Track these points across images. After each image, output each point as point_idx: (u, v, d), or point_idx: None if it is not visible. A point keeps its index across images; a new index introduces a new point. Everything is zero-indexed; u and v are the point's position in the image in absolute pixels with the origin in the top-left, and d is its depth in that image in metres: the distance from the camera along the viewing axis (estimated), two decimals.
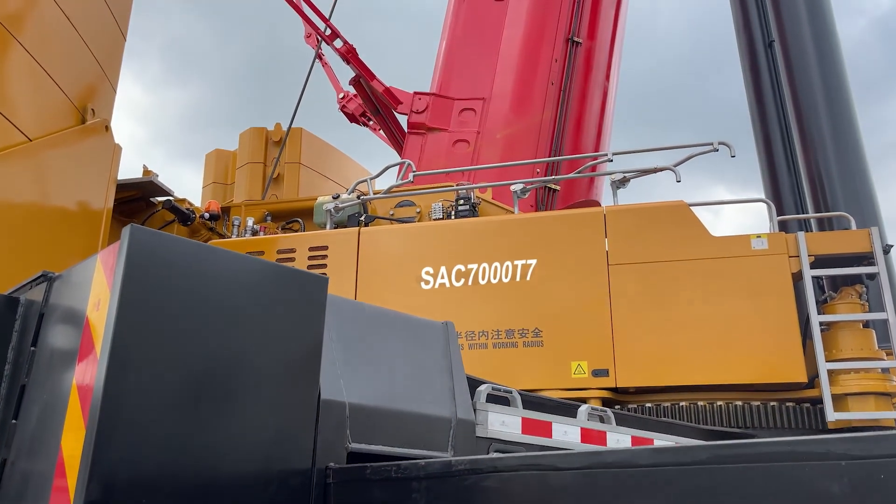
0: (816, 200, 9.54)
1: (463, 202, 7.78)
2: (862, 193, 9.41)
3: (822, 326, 6.20)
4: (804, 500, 1.52)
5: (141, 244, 2.21)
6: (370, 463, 2.45)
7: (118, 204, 8.11)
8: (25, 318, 2.85)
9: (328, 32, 11.00)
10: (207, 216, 9.08)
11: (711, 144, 7.28)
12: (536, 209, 9.18)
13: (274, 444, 2.40)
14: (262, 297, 2.47)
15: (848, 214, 7.13)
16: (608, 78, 11.18)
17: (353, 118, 12.98)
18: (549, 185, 9.44)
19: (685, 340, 6.25)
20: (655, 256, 6.55)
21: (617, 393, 6.41)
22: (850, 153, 9.62)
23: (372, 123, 12.81)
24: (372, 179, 8.26)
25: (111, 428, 2.03)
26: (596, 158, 8.89)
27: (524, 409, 3.69)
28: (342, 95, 12.91)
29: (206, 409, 2.24)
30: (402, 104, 10.50)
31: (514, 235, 7.02)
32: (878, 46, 54.69)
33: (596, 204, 9.95)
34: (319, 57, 12.79)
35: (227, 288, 2.39)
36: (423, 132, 10.14)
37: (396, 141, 11.94)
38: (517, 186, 7.66)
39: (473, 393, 3.41)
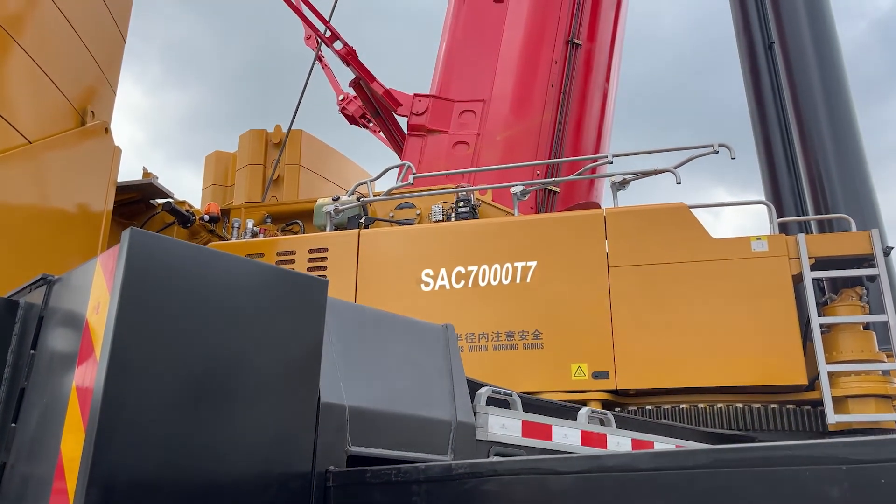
0: (816, 202, 9.55)
1: (463, 204, 7.77)
2: (862, 195, 9.42)
3: (822, 328, 6.20)
4: None
5: (141, 247, 2.21)
6: (370, 466, 2.44)
7: (118, 206, 8.11)
8: (25, 321, 2.85)
9: (328, 34, 11.00)
10: (207, 218, 9.08)
11: (712, 146, 7.27)
12: (536, 211, 9.17)
13: (274, 447, 2.40)
14: (261, 300, 2.47)
15: (848, 216, 7.13)
16: (608, 80, 11.18)
17: (352, 120, 12.99)
18: (549, 186, 9.43)
19: (685, 343, 6.25)
20: (656, 258, 6.55)
21: (617, 395, 6.40)
22: (850, 155, 9.63)
23: (372, 125, 12.81)
24: (372, 181, 8.25)
25: (111, 431, 2.03)
26: (596, 160, 8.88)
27: (524, 412, 3.68)
28: (342, 97, 12.91)
29: (205, 412, 2.24)
30: (401, 106, 10.50)
31: (514, 237, 7.01)
32: (877, 48, 54.77)
33: (596, 206, 9.96)
34: (319, 59, 12.79)
35: (226, 291, 2.39)
36: (422, 134, 10.14)
37: (396, 143, 11.94)
38: (517, 188, 7.65)
39: (473, 396, 3.41)
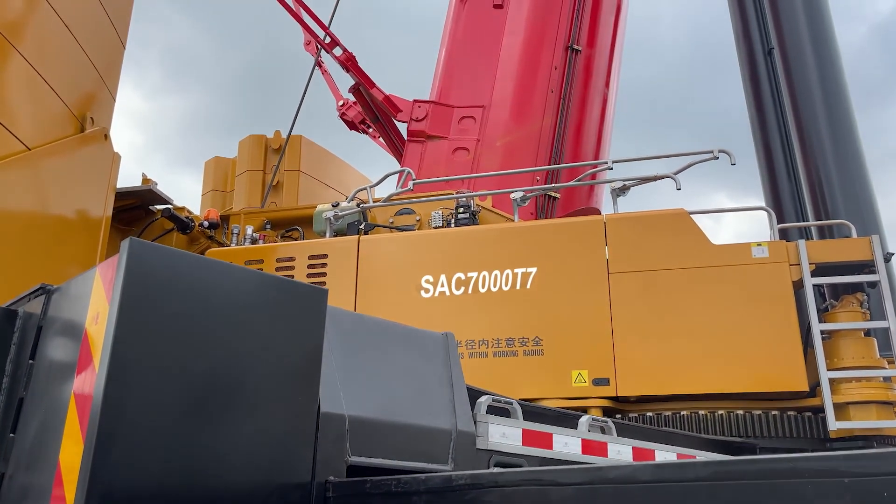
0: (817, 207, 9.53)
1: (463, 210, 7.77)
2: (862, 200, 9.40)
3: (823, 335, 6.19)
4: None
5: (140, 257, 2.20)
6: (370, 477, 2.44)
7: (117, 212, 8.10)
8: (24, 330, 2.85)
9: (327, 40, 11.00)
10: (206, 224, 9.08)
11: (712, 152, 7.27)
12: (536, 217, 9.17)
13: (273, 457, 2.39)
14: (261, 309, 2.47)
15: (849, 222, 7.12)
16: (608, 85, 11.19)
17: (352, 126, 12.99)
18: (548, 192, 9.43)
19: (686, 349, 6.24)
20: (656, 265, 6.54)
21: (618, 402, 6.38)
22: (850, 160, 9.62)
23: (371, 131, 12.82)
24: (371, 187, 8.24)
25: (110, 441, 2.03)
26: (596, 166, 8.88)
27: (525, 420, 3.67)
28: (342, 103, 12.92)
29: (204, 422, 2.24)
30: (401, 112, 10.51)
31: (513, 243, 7.01)
32: (877, 53, 54.80)
33: (596, 212, 9.97)
34: (319, 64, 12.80)
35: (226, 300, 2.38)
36: (422, 140, 10.14)
37: (396, 149, 11.94)
38: (517, 194, 7.65)
39: (474, 404, 3.40)
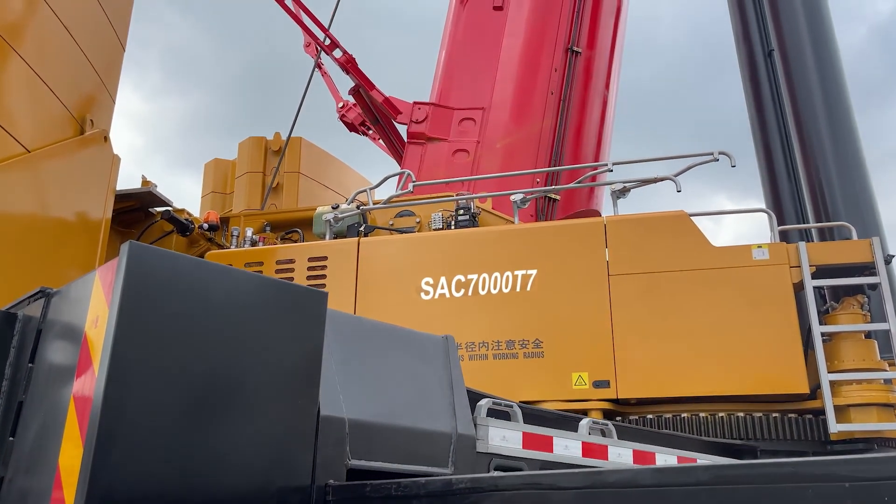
0: (817, 209, 9.52)
1: (463, 212, 7.76)
2: (862, 201, 9.40)
3: (823, 337, 6.18)
4: None
5: (139, 261, 2.20)
6: (370, 480, 2.43)
7: (117, 214, 8.09)
8: (23, 333, 2.84)
9: (327, 42, 11.00)
10: (206, 226, 9.06)
11: (712, 154, 7.26)
12: (536, 219, 9.17)
13: (273, 460, 2.38)
14: (261, 312, 2.46)
15: (849, 224, 7.12)
16: (608, 87, 11.19)
17: (352, 127, 12.99)
18: (549, 194, 9.43)
19: (686, 351, 6.23)
20: (656, 267, 6.53)
21: (618, 404, 6.38)
22: (850, 161, 9.61)
23: (371, 133, 12.82)
24: (371, 189, 8.24)
25: (109, 444, 2.03)
26: (596, 168, 8.88)
27: (525, 422, 3.66)
28: (342, 105, 12.93)
29: (204, 425, 2.24)
30: (401, 114, 10.51)
31: (514, 245, 7.00)
32: (877, 53, 54.77)
33: (596, 214, 9.96)
34: (319, 66, 12.81)
35: (225, 304, 2.38)
36: (422, 142, 10.14)
37: (396, 150, 11.94)
38: (517, 196, 7.64)
39: (474, 407, 3.40)
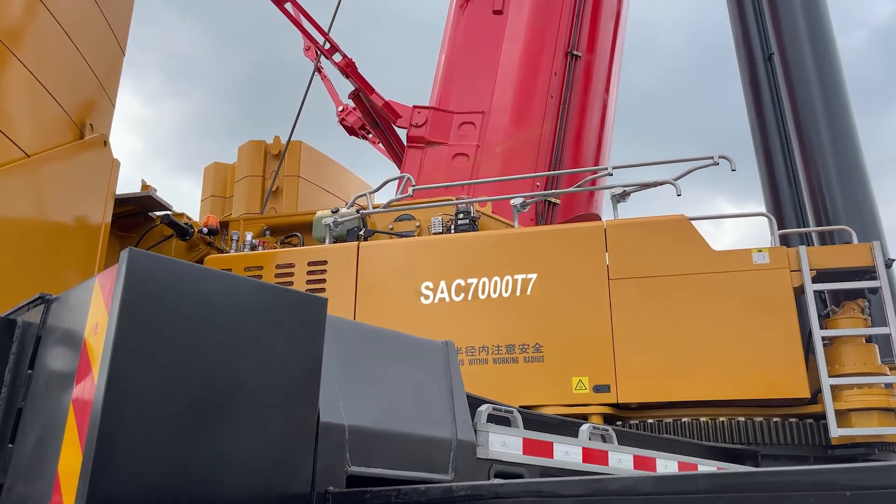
0: (817, 212, 9.52)
1: (462, 216, 7.76)
2: (863, 205, 9.40)
3: (824, 341, 6.16)
4: None
5: (139, 267, 2.20)
6: (370, 487, 2.42)
7: (116, 219, 8.09)
8: (22, 340, 2.84)
9: (327, 46, 11.01)
10: (206, 231, 9.05)
11: (712, 158, 7.26)
12: (536, 223, 9.16)
13: (272, 467, 2.38)
14: (260, 318, 2.46)
15: (849, 228, 7.11)
16: (608, 91, 11.19)
17: (352, 131, 13.00)
18: (549, 198, 9.42)
19: (687, 355, 6.22)
20: (656, 271, 6.53)
21: (618, 409, 6.36)
22: (850, 165, 9.62)
23: (371, 136, 12.82)
24: (371, 193, 8.23)
25: (109, 451, 2.02)
26: (596, 172, 8.87)
27: (525, 428, 3.65)
28: (341, 108, 12.93)
29: (203, 431, 2.23)
30: (401, 118, 10.50)
31: (514, 249, 6.99)
32: (877, 56, 54.79)
33: (596, 218, 9.94)
34: (318, 70, 12.80)
35: (225, 310, 2.38)
36: (422, 146, 10.14)
37: (396, 154, 11.94)
38: (517, 200, 7.63)
39: (474, 413, 3.38)
